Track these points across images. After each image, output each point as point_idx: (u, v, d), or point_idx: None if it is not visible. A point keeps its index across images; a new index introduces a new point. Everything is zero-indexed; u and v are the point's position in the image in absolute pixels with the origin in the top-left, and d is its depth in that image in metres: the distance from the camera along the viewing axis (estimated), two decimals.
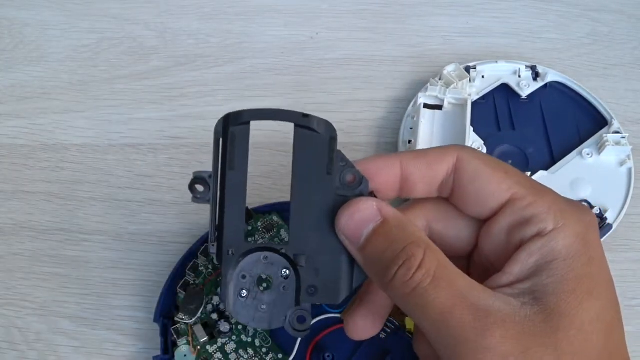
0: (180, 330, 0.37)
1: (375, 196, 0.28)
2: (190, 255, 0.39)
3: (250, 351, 0.36)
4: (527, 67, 0.48)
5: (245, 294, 0.27)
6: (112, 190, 0.45)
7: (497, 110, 0.47)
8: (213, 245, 0.27)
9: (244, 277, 0.27)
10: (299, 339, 0.37)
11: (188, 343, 0.36)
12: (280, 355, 0.36)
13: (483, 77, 0.48)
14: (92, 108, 0.49)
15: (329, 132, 0.27)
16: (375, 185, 0.28)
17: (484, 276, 0.27)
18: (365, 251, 0.27)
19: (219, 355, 0.36)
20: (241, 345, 0.37)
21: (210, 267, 0.39)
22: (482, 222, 0.29)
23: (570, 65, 0.51)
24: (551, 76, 0.48)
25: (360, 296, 0.31)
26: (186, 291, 0.38)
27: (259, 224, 0.41)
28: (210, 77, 0.50)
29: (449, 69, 0.47)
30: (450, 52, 0.52)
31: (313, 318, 0.37)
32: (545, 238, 0.26)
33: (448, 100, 0.46)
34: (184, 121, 0.48)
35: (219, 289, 0.29)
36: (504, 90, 0.48)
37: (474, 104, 0.46)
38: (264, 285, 0.28)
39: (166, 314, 0.38)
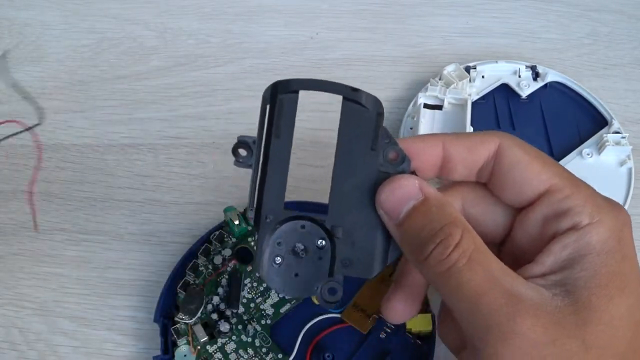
0: (180, 330, 0.37)
1: (416, 175, 0.28)
2: (190, 255, 0.39)
3: (250, 351, 0.36)
4: (527, 67, 0.48)
5: (279, 261, 0.27)
6: (112, 190, 0.45)
7: (497, 110, 0.47)
8: (251, 210, 0.27)
9: (279, 244, 0.27)
10: (299, 339, 0.37)
11: (188, 343, 0.36)
12: (280, 355, 0.36)
13: (483, 77, 0.48)
14: (92, 108, 0.49)
15: (377, 108, 0.27)
16: (417, 164, 0.28)
17: (513, 265, 0.27)
18: (403, 227, 0.27)
19: (219, 355, 0.36)
20: (241, 345, 0.37)
21: (210, 267, 0.39)
22: (517, 211, 0.29)
23: (570, 65, 0.51)
24: (551, 76, 0.48)
25: (396, 280, 0.31)
26: (186, 291, 0.38)
27: None
28: (210, 77, 0.50)
29: (449, 69, 0.47)
30: (450, 52, 0.52)
31: (313, 318, 0.37)
32: (580, 232, 0.26)
33: (448, 100, 0.46)
34: (184, 121, 0.48)
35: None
36: (504, 90, 0.48)
37: (474, 104, 0.46)
38: (299, 254, 0.27)
39: (166, 314, 0.38)
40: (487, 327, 0.24)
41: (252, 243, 0.40)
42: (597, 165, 0.44)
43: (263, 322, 0.37)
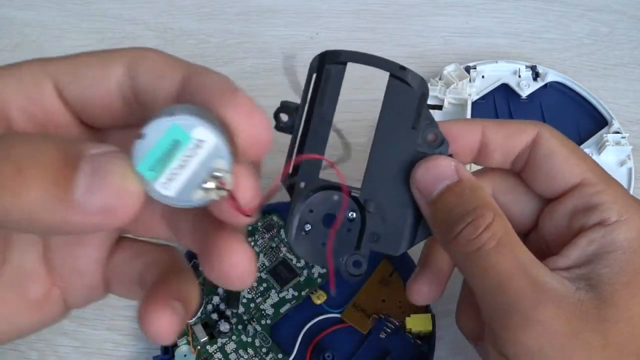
0: (180, 330, 0.37)
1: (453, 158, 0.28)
2: (190, 255, 0.39)
3: (250, 351, 0.36)
4: (527, 67, 0.48)
5: (308, 228, 0.27)
6: None
7: (497, 110, 0.47)
8: (287, 176, 0.27)
9: (311, 211, 0.27)
10: (299, 339, 0.37)
11: (188, 343, 0.36)
12: (280, 355, 0.36)
13: (483, 77, 0.48)
14: None
15: (422, 88, 0.27)
16: (455, 147, 0.28)
17: (538, 257, 0.27)
18: (435, 205, 0.27)
19: (219, 355, 0.36)
20: (241, 345, 0.37)
21: None
22: (546, 202, 0.29)
23: (570, 65, 0.51)
24: (551, 76, 0.48)
25: (421, 263, 0.31)
26: None
27: (259, 224, 0.41)
28: None
29: (449, 69, 0.47)
30: (450, 52, 0.52)
31: (313, 318, 0.37)
32: (607, 228, 0.26)
33: (448, 100, 0.46)
34: None
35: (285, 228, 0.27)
36: (504, 90, 0.48)
37: (474, 104, 0.46)
38: (329, 223, 0.27)
39: None
40: (510, 312, 0.25)
41: (252, 243, 0.40)
42: None
43: (263, 322, 0.37)
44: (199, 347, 0.36)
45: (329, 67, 0.27)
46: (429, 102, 0.46)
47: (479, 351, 0.30)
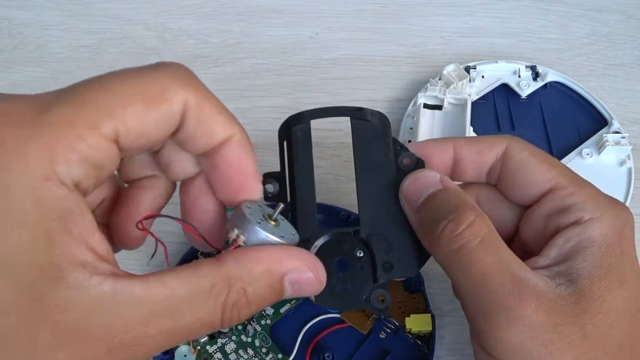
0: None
1: None
2: (190, 255, 0.39)
3: (250, 351, 0.36)
4: (527, 67, 0.48)
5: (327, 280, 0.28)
6: None
7: (497, 110, 0.47)
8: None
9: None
10: (299, 339, 0.37)
11: (188, 343, 0.36)
12: (280, 355, 0.36)
13: (483, 77, 0.48)
14: None
15: (382, 121, 0.29)
16: (430, 166, 0.29)
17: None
18: (420, 211, 0.28)
19: (219, 355, 0.36)
20: (241, 345, 0.37)
21: None
22: (524, 209, 0.30)
23: (570, 65, 0.51)
24: (551, 76, 0.48)
25: None
26: None
27: None
28: (210, 77, 0.50)
29: (449, 69, 0.47)
30: (450, 52, 0.52)
31: (313, 318, 0.37)
32: (582, 226, 0.27)
33: (448, 100, 0.46)
34: None
35: None
36: (504, 90, 0.48)
37: (473, 104, 0.46)
38: (341, 268, 0.28)
39: None
40: (493, 309, 0.25)
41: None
42: (597, 165, 0.44)
43: (263, 322, 0.37)
44: (199, 347, 0.36)
45: (295, 128, 0.29)
46: (430, 102, 0.46)
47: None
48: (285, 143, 0.29)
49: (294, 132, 0.29)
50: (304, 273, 0.23)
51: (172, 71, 0.22)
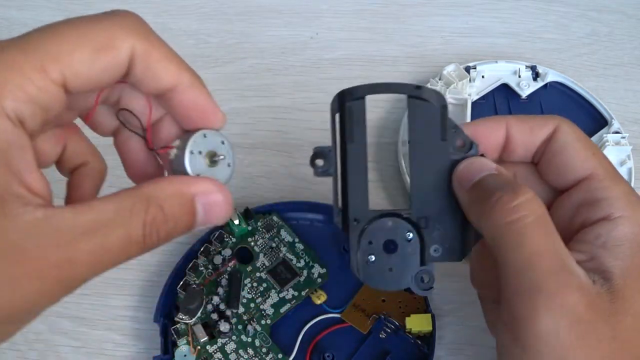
0: (180, 330, 0.37)
1: None
2: (190, 255, 0.39)
3: (250, 351, 0.36)
4: (527, 67, 0.48)
5: (373, 259, 0.28)
6: (112, 190, 0.45)
7: (497, 110, 0.47)
8: (338, 215, 0.28)
9: (370, 242, 0.28)
10: (299, 339, 0.37)
11: (188, 343, 0.36)
12: (280, 355, 0.36)
13: (483, 77, 0.48)
14: None
15: (440, 101, 0.28)
16: (483, 147, 0.29)
17: None
18: (472, 190, 0.27)
19: (219, 355, 0.36)
20: (241, 345, 0.37)
21: (210, 267, 0.39)
22: (558, 194, 0.30)
23: (570, 65, 0.51)
24: (551, 76, 0.48)
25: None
26: (186, 291, 0.38)
27: (259, 224, 0.41)
28: (210, 77, 0.50)
29: (449, 69, 0.47)
30: (450, 52, 0.52)
31: (313, 318, 0.37)
32: (612, 223, 0.27)
33: (448, 100, 0.46)
34: None
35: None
36: (504, 90, 0.48)
37: (474, 104, 0.46)
38: (390, 249, 0.29)
39: (166, 314, 0.38)
40: (534, 290, 0.25)
41: (252, 243, 0.40)
42: None
43: (263, 322, 0.37)
44: (199, 347, 0.36)
45: (349, 104, 0.28)
46: None
47: (484, 309, 0.31)
48: (337, 118, 0.28)
49: (348, 107, 0.28)
50: (213, 194, 0.25)
51: (122, 19, 0.23)
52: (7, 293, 0.20)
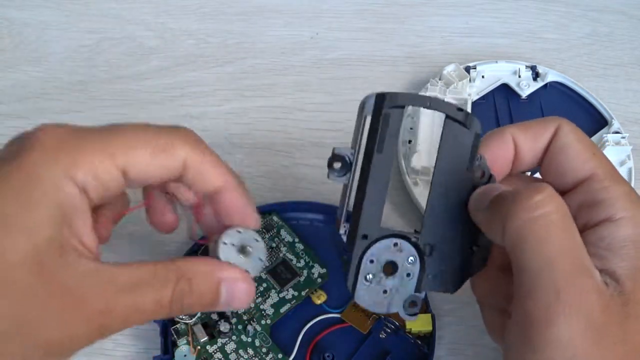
0: (180, 330, 0.37)
1: None
2: (191, 254, 0.39)
3: (250, 351, 0.36)
4: (527, 67, 0.48)
5: (370, 278, 0.27)
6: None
7: (497, 110, 0.47)
8: (344, 226, 0.28)
9: (371, 261, 0.27)
10: (299, 339, 0.37)
11: (188, 343, 0.36)
12: (280, 355, 0.36)
13: (483, 77, 0.48)
14: (92, 108, 0.49)
15: (476, 128, 0.27)
16: (498, 165, 0.29)
17: None
18: (492, 204, 0.27)
19: (219, 355, 0.36)
20: (241, 345, 0.37)
21: None
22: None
23: (570, 65, 0.51)
24: (551, 76, 0.48)
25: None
26: None
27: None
28: (210, 77, 0.50)
29: (449, 69, 0.47)
30: (450, 52, 0.52)
31: (313, 318, 0.37)
32: (614, 224, 0.27)
33: (448, 100, 0.46)
34: (184, 121, 0.48)
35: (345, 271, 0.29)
36: (504, 90, 0.48)
37: (474, 104, 0.46)
38: (389, 271, 0.28)
39: None
40: (551, 291, 0.24)
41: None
42: None
43: (263, 322, 0.37)
44: (199, 347, 0.36)
45: (387, 111, 0.26)
46: None
47: (485, 316, 0.30)
48: (368, 120, 0.26)
49: (385, 115, 0.26)
50: (238, 282, 0.28)
51: (180, 131, 0.28)
52: (58, 331, 0.24)
